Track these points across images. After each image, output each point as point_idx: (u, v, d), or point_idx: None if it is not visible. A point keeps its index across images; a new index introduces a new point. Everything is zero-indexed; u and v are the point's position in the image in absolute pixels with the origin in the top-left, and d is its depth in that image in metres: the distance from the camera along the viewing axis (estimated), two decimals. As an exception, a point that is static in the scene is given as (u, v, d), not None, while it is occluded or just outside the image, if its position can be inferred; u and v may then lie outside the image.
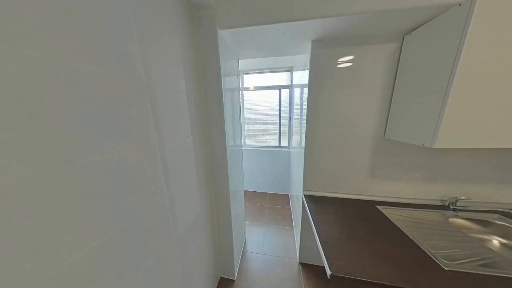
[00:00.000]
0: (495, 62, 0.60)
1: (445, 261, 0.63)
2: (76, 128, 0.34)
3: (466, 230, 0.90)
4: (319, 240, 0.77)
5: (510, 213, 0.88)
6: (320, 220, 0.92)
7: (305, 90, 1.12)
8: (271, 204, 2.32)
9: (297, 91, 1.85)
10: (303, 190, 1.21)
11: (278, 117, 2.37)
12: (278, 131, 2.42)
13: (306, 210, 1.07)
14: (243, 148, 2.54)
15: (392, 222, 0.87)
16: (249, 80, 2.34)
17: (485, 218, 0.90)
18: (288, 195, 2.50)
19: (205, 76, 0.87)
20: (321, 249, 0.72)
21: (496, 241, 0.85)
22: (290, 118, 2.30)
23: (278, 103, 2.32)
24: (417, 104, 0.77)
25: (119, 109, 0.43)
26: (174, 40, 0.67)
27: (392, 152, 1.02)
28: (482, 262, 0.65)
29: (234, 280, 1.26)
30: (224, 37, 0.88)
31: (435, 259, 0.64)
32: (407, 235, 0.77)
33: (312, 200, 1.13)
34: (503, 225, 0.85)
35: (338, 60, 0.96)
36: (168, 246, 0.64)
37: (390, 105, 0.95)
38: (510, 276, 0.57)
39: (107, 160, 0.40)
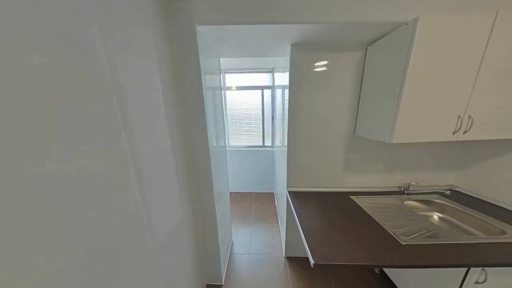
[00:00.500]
0: (432, 73, 0.74)
1: (402, 237, 0.75)
2: (13, 132, 0.27)
3: (416, 209, 1.10)
4: (303, 233, 0.82)
5: (444, 192, 1.11)
6: (303, 214, 0.97)
7: (286, 91, 1.17)
8: (257, 203, 2.35)
9: (278, 92, 1.91)
10: (287, 187, 1.26)
11: (261, 117, 2.40)
12: (261, 131, 2.46)
13: (290, 205, 1.12)
14: (227, 149, 2.49)
15: (363, 209, 0.99)
16: (231, 79, 2.30)
17: (428, 199, 1.11)
18: (273, 193, 2.57)
19: (183, 74, 0.81)
20: (305, 241, 0.77)
21: (436, 216, 1.06)
22: (273, 118, 2.36)
23: (261, 103, 2.35)
24: (379, 106, 0.90)
25: (75, 108, 0.36)
26: (146, 31, 0.61)
27: (361, 148, 1.17)
28: (427, 234, 0.80)
29: (221, 286, 1.23)
30: (203, 33, 0.84)
31: (395, 237, 0.76)
32: (374, 219, 0.89)
33: (296, 195, 1.19)
34: (440, 203, 1.07)
35: (315, 64, 1.04)
36: (146, 261, 0.58)
37: (358, 106, 1.08)
38: (446, 242, 0.72)
39: (61, 170, 0.33)
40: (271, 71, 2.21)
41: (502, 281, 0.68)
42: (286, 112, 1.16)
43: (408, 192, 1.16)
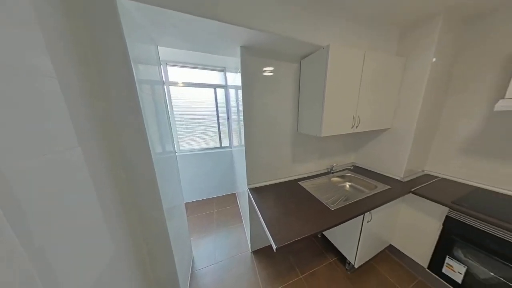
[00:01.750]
0: (339, 85, 1.05)
1: (332, 205, 1.02)
2: None
3: (337, 183, 1.54)
4: (265, 223, 0.88)
5: (350, 168, 1.64)
6: (263, 206, 1.05)
7: (240, 92, 1.20)
8: (219, 208, 2.23)
9: (232, 92, 1.91)
10: (248, 184, 1.30)
11: (216, 117, 2.29)
12: (217, 132, 2.35)
13: (252, 201, 1.17)
14: (177, 154, 2.14)
15: (307, 191, 1.24)
16: (178, 74, 1.99)
17: (342, 174, 1.58)
18: (235, 193, 2.56)
19: (100, 58, 0.59)
20: (267, 230, 0.83)
21: (347, 185, 1.54)
22: (228, 118, 2.33)
23: (214, 102, 2.24)
24: (311, 108, 1.15)
25: None
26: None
27: (303, 142, 1.44)
28: (344, 199, 1.14)
29: (183, 312, 1.06)
30: (131, 10, 0.66)
31: (327, 206, 1.01)
32: (314, 196, 1.14)
33: (256, 191, 1.26)
34: (348, 175, 1.57)
35: (263, 69, 1.14)
36: None
37: (298, 108, 1.32)
38: (352, 201, 1.06)
39: None
40: (223, 70, 2.16)
41: (379, 216, 1.13)
42: (241, 113, 1.18)
43: (332, 171, 1.59)
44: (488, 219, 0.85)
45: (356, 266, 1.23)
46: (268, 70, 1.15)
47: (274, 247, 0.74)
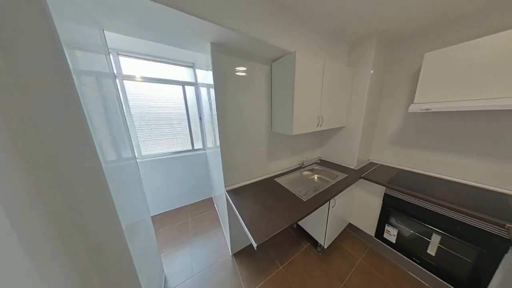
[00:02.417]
0: (305, 88, 1.17)
1: (304, 197, 1.13)
2: None
3: (307, 176, 1.71)
4: (244, 223, 0.88)
5: (317, 162, 1.86)
6: (242, 206, 1.05)
7: (212, 91, 1.14)
8: (194, 215, 2.06)
9: (203, 91, 1.80)
10: (225, 186, 1.26)
11: (186, 117, 2.10)
12: (189, 133, 2.16)
13: (230, 203, 1.15)
14: (138, 160, 1.84)
15: (283, 186, 1.32)
16: (136, 66, 1.69)
17: (311, 168, 1.78)
18: (212, 197, 2.44)
19: (11, 39, 0.43)
20: (247, 230, 0.84)
21: (316, 177, 1.74)
22: (200, 118, 2.18)
23: (184, 101, 2.04)
24: (283, 108, 1.23)
25: None
26: None
27: (277, 140, 1.52)
28: (314, 189, 1.28)
29: None
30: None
31: (300, 198, 1.12)
32: (289, 190, 1.23)
33: (234, 192, 1.24)
34: (316, 168, 1.77)
35: (236, 68, 1.13)
36: None
37: (271, 108, 1.38)
38: (320, 191, 1.21)
39: None
40: (192, 66, 2.00)
41: (340, 201, 1.33)
42: (215, 112, 1.13)
43: (303, 166, 1.76)
44: (409, 192, 1.16)
45: (325, 247, 1.41)
46: (241, 70, 1.15)
47: (255, 245, 0.75)
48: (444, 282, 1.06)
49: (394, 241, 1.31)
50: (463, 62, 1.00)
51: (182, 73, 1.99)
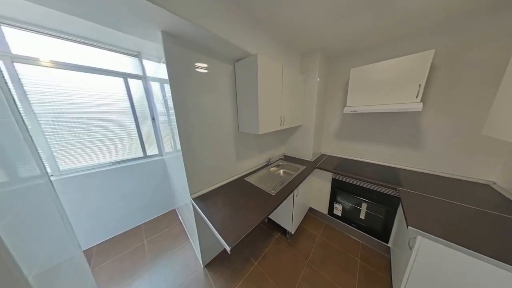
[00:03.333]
0: (268, 90, 1.24)
1: (272, 191, 1.22)
2: None
3: (274, 172, 1.84)
4: (215, 228, 0.84)
5: (282, 158, 2.05)
6: (212, 212, 0.99)
7: (167, 87, 0.99)
8: (151, 234, 1.74)
9: (155, 86, 1.53)
10: (190, 194, 1.15)
11: (133, 117, 1.71)
12: (138, 137, 1.78)
13: (198, 212, 1.05)
14: (54, 178, 1.33)
15: (253, 184, 1.35)
16: (42, 45, 1.17)
17: (277, 164, 1.93)
18: (175, 209, 2.14)
19: None
20: (218, 235, 0.80)
21: (281, 172, 1.91)
22: (153, 119, 1.85)
23: (128, 97, 1.65)
24: (249, 108, 1.26)
25: None
26: None
27: (244, 140, 1.53)
28: (281, 183, 1.39)
29: None
30: None
31: (269, 193, 1.19)
32: (258, 187, 1.28)
33: (202, 199, 1.14)
34: (281, 163, 1.95)
35: (196, 64, 1.04)
36: None
37: (237, 108, 1.37)
38: (286, 184, 1.34)
39: None
40: (138, 55, 1.65)
41: (302, 190, 1.53)
42: (172, 112, 1.00)
43: (270, 163, 1.88)
44: (347, 175, 1.50)
45: (293, 233, 1.59)
46: (202, 67, 1.07)
47: (228, 249, 0.73)
48: (371, 236, 1.47)
49: (340, 214, 1.66)
50: (373, 77, 1.41)
51: (124, 63, 1.60)
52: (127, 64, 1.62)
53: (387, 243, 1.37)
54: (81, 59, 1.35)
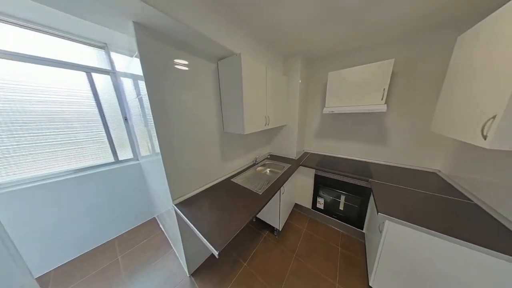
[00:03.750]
0: (253, 90, 1.25)
1: (259, 191, 1.23)
2: None
3: (261, 171, 1.86)
4: (202, 234, 0.80)
5: (268, 157, 2.09)
6: (198, 216, 0.94)
7: (142, 84, 0.90)
8: (127, 248, 1.56)
9: (127, 82, 1.37)
10: (173, 200, 1.07)
11: (99, 117, 1.50)
12: (107, 139, 1.57)
13: (182, 218, 0.99)
14: (-9, 193, 1.08)
15: (240, 185, 1.34)
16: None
17: (263, 163, 1.96)
18: (155, 217, 1.97)
19: None
20: (205, 240, 0.77)
21: (268, 171, 1.94)
22: (126, 119, 1.66)
23: (92, 95, 1.44)
24: (234, 108, 1.24)
25: None
26: None
27: (230, 140, 1.51)
28: (267, 182, 1.42)
29: None
30: None
31: (257, 192, 1.20)
32: (246, 188, 1.28)
33: (185, 204, 1.08)
34: (267, 163, 1.98)
35: (175, 61, 0.97)
36: None
37: (221, 108, 1.34)
38: (272, 182, 1.37)
39: None
40: (104, 47, 1.45)
41: (288, 187, 1.58)
42: (149, 111, 0.91)
43: (256, 162, 1.89)
44: (328, 170, 1.62)
45: (280, 230, 1.63)
46: (182, 64, 1.00)
47: (216, 253, 0.71)
48: (349, 225, 1.62)
49: (322, 208, 1.78)
50: (347, 81, 1.55)
51: (88, 55, 1.39)
52: (91, 56, 1.41)
53: (362, 230, 1.53)
54: (28, 47, 1.11)
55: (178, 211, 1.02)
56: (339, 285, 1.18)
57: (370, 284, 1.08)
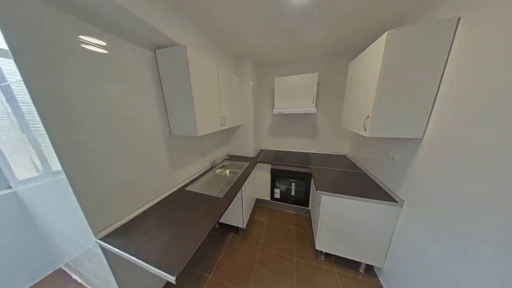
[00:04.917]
0: (203, 88, 1.15)
1: (220, 194, 1.17)
2: None
3: (220, 173, 1.79)
4: (149, 264, 0.65)
5: (226, 158, 2.04)
6: (141, 244, 0.75)
7: (6, 63, 0.56)
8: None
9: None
10: (95, 234, 0.77)
11: None
12: None
13: (115, 254, 0.74)
14: None
15: (197, 192, 1.21)
16: None
17: (222, 164, 1.90)
18: (60, 267, 1.32)
19: None
20: (156, 269, 0.63)
21: (227, 172, 1.90)
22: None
23: None
24: (182, 107, 1.08)
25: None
26: None
27: (180, 144, 1.31)
28: (228, 183, 1.39)
29: None
30: None
31: (217, 196, 1.14)
32: (204, 194, 1.18)
33: (118, 235, 0.82)
34: (226, 164, 1.93)
35: (80, 37, 0.68)
36: None
37: (166, 108, 1.13)
38: (233, 182, 1.36)
39: None
40: None
41: (248, 185, 1.62)
42: (28, 107, 0.59)
43: (215, 165, 1.79)
44: (281, 163, 1.86)
45: (244, 227, 1.66)
46: (94, 44, 0.73)
47: (173, 279, 0.60)
48: (299, 206, 1.96)
49: (279, 197, 2.02)
50: (289, 86, 1.84)
51: None
52: None
53: (308, 207, 1.91)
54: None
55: (107, 246, 0.75)
56: (296, 258, 1.40)
57: (316, 248, 1.37)
